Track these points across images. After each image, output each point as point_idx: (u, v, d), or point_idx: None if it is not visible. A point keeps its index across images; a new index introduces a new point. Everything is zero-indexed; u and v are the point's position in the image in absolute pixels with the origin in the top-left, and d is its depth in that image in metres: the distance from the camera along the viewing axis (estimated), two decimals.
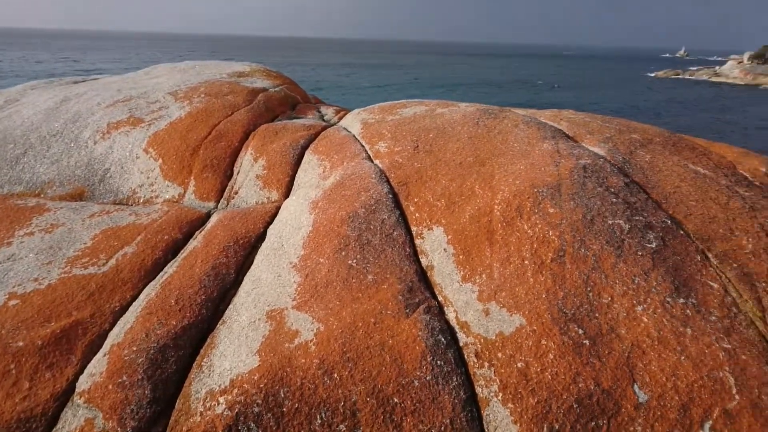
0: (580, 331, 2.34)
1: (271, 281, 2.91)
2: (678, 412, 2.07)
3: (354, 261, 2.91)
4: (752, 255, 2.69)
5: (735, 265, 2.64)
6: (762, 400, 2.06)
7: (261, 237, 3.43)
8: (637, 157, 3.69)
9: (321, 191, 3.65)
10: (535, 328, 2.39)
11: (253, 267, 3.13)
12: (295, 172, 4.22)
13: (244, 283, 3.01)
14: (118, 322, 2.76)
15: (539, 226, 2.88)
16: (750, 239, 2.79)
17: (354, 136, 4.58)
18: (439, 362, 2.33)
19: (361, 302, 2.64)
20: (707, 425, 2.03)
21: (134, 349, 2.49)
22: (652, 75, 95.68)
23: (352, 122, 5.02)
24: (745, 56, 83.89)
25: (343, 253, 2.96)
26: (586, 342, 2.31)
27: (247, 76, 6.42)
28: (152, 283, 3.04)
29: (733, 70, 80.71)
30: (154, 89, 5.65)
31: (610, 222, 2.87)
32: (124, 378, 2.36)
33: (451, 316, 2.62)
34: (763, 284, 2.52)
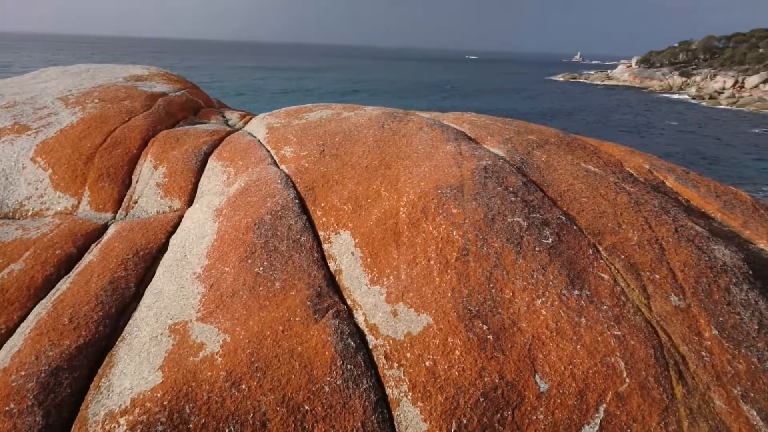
0: (485, 327, 2.42)
1: (173, 293, 2.81)
2: (576, 398, 2.18)
3: (261, 268, 2.86)
4: (637, 246, 2.89)
5: (622, 256, 2.82)
6: (649, 381, 2.22)
7: (163, 248, 3.30)
8: (534, 157, 3.87)
9: (225, 198, 3.56)
10: (442, 326, 2.44)
11: (154, 279, 3.00)
12: (198, 179, 4.09)
13: (145, 296, 2.88)
14: (4, 345, 2.56)
15: (443, 226, 2.95)
16: (635, 232, 3.00)
17: (259, 141, 4.51)
18: (349, 366, 2.33)
19: (269, 310, 2.60)
20: (602, 408, 2.15)
21: (23, 374, 2.32)
22: (551, 78, 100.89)
23: (258, 127, 4.93)
24: (633, 61, 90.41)
25: (250, 261, 2.90)
26: (491, 337, 2.38)
27: (146, 80, 6.16)
28: (43, 301, 2.84)
29: (623, 74, 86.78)
30: (42, 94, 5.29)
31: (509, 220, 2.98)
32: (12, 406, 2.19)
33: (360, 319, 2.63)
34: (648, 273, 2.72)
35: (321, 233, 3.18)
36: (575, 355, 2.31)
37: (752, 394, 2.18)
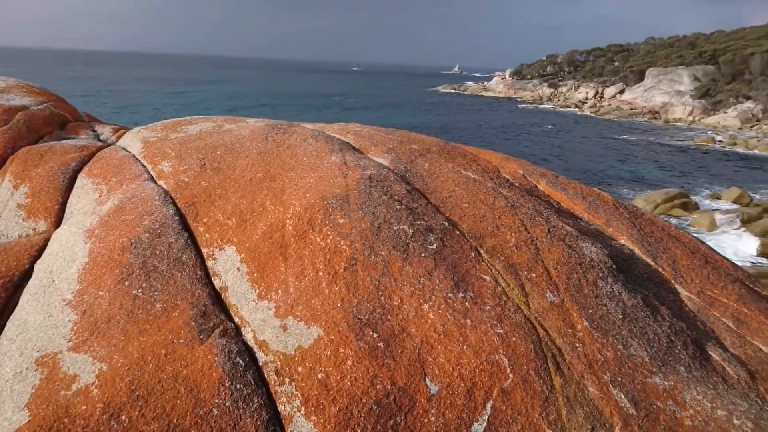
0: (375, 335, 2.44)
1: (40, 323, 2.58)
2: (464, 397, 2.25)
3: (139, 290, 2.70)
4: (515, 247, 3.05)
5: (502, 257, 2.97)
6: (530, 375, 2.34)
7: (27, 274, 3.03)
8: (417, 166, 3.98)
9: (98, 218, 3.33)
10: (333, 337, 2.43)
11: (17, 309, 2.74)
12: (66, 198, 3.80)
13: (6, 329, 2.62)
14: None
15: (331, 237, 2.95)
16: (513, 234, 3.16)
17: (134, 156, 4.27)
18: (238, 386, 2.26)
19: (150, 334, 2.46)
20: (489, 405, 2.24)
21: None
22: (434, 90, 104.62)
23: (132, 141, 4.67)
24: (507, 73, 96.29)
25: (127, 283, 2.73)
26: (381, 344, 2.40)
27: (2, 92, 5.64)
28: None
29: (498, 85, 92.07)
30: None
31: (395, 228, 3.04)
32: None
33: (248, 336, 2.56)
34: (525, 272, 2.87)
35: (204, 250, 3.07)
36: (462, 356, 2.38)
37: (620, 379, 2.37)
